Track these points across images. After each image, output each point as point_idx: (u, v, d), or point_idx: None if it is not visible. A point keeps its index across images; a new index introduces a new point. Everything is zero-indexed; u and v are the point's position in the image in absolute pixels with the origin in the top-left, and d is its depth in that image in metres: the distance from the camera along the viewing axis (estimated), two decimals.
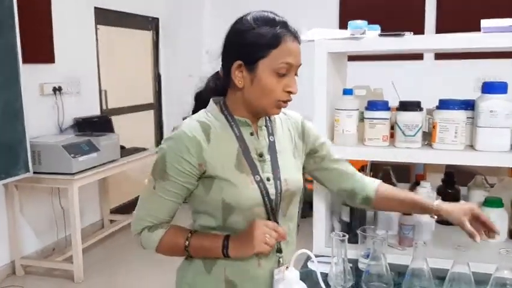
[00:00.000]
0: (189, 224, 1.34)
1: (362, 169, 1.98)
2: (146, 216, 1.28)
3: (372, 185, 1.46)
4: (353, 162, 1.53)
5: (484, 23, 1.49)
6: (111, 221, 4.75)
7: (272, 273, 1.26)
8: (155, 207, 1.27)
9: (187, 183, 1.23)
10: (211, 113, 1.28)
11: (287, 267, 1.21)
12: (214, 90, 1.33)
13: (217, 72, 1.32)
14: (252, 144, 1.28)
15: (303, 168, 1.46)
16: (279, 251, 1.29)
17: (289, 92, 1.22)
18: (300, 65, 1.24)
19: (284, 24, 1.21)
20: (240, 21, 1.24)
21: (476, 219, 1.35)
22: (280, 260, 1.28)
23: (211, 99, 1.31)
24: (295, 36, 1.22)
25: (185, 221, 1.34)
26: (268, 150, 1.30)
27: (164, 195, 1.24)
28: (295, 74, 1.24)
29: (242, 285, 1.28)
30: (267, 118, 1.34)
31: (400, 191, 1.50)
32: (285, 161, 1.32)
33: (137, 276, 3.78)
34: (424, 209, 1.42)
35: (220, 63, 1.28)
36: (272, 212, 1.26)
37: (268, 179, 1.26)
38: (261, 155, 1.28)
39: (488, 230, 1.36)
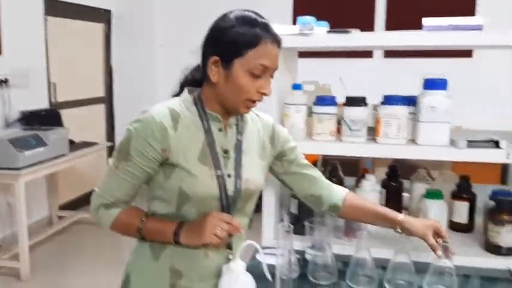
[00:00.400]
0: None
1: (314, 164, 2.02)
2: (104, 194, 1.28)
3: (340, 193, 1.48)
4: None
5: (425, 21, 1.55)
6: (60, 217, 4.64)
7: (219, 265, 1.27)
8: (114, 186, 1.27)
9: (148, 167, 1.23)
10: (184, 102, 1.29)
11: (233, 259, 1.22)
12: (192, 82, 1.34)
13: (199, 64, 1.32)
14: (219, 139, 1.29)
15: (272, 171, 1.48)
16: (229, 247, 1.30)
17: (263, 94, 1.23)
18: (277, 68, 1.25)
19: (265, 26, 1.22)
20: (223, 18, 1.25)
21: (437, 235, 1.39)
22: (230, 256, 1.29)
23: (185, 89, 1.32)
24: (275, 39, 1.23)
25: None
26: (234, 148, 1.31)
27: (124, 176, 1.25)
28: (271, 77, 1.26)
29: (188, 275, 1.28)
30: (239, 117, 1.35)
31: (367, 202, 1.52)
32: (249, 161, 1.33)
33: (86, 273, 3.70)
34: (390, 221, 1.44)
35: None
36: (227, 207, 1.27)
37: (229, 176, 1.28)
38: (226, 152, 1.29)
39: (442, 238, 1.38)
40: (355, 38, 1.59)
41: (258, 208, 1.77)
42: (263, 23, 1.22)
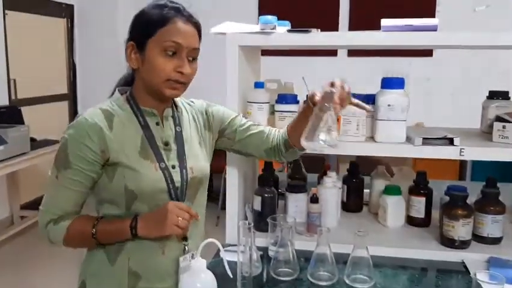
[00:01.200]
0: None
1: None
2: (51, 209, 1.25)
3: (282, 130, 1.49)
4: None
5: (384, 22, 1.59)
6: (22, 217, 4.53)
7: (176, 262, 1.27)
8: (59, 198, 1.24)
9: (90, 171, 1.21)
10: (115, 102, 1.28)
11: (193, 256, 1.23)
12: (126, 83, 1.34)
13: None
14: (157, 133, 1.29)
15: (224, 148, 1.51)
16: (185, 239, 1.31)
17: (181, 73, 1.22)
18: (195, 48, 1.25)
19: (175, 9, 1.24)
20: (140, 10, 1.27)
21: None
22: (186, 247, 1.30)
23: (116, 89, 1.32)
24: (188, 19, 1.24)
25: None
26: (174, 139, 1.31)
27: (68, 185, 1.22)
28: (194, 58, 1.26)
29: (146, 276, 1.28)
30: (174, 108, 1.35)
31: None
32: (191, 150, 1.34)
33: (49, 275, 3.63)
34: (307, 108, 1.34)
35: None
36: (177, 199, 1.27)
37: (173, 167, 1.28)
38: (166, 144, 1.29)
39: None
40: (314, 37, 1.61)
41: (224, 205, 1.78)
42: (174, 6, 1.24)
